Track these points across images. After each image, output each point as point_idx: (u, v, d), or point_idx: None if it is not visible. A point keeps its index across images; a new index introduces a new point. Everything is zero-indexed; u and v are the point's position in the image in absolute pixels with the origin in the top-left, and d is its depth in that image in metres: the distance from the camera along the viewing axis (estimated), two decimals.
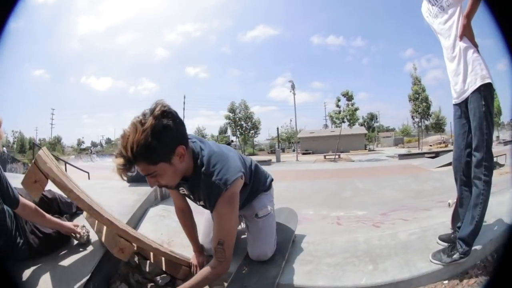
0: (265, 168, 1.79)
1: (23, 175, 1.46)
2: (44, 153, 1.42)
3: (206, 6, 77.50)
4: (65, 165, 8.96)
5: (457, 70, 1.68)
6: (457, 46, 1.66)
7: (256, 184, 1.62)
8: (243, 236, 1.85)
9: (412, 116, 27.08)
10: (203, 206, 1.45)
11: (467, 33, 1.59)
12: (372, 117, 50.72)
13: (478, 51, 1.62)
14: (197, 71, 76.07)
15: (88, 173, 7.44)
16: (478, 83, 1.55)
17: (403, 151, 23.59)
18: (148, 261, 1.79)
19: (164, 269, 1.72)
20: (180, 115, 1.16)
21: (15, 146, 37.64)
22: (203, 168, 1.22)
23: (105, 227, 1.61)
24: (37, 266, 1.52)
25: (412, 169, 10.30)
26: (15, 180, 1.49)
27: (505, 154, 9.93)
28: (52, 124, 46.12)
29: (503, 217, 1.74)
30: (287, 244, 1.68)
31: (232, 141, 17.53)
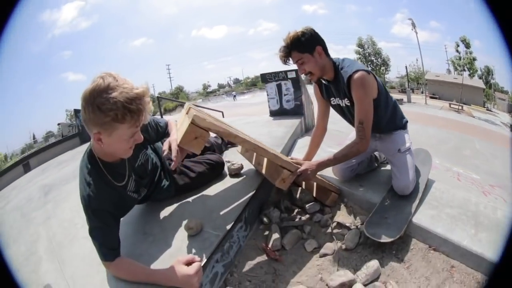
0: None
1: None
2: (195, 111, 1.40)
3: None
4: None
5: None
6: None
7: (394, 114, 1.74)
8: (382, 169, 2.04)
9: None
10: (346, 108, 1.69)
11: None
12: (489, 72, 41.41)
13: None
14: (315, 8, 72.49)
15: (222, 112, 7.34)
16: None
17: None
18: (299, 188, 1.90)
19: (314, 195, 1.82)
20: None
21: None
22: (339, 67, 1.59)
23: (265, 160, 1.69)
24: (198, 195, 1.72)
25: None
26: None
27: None
28: (170, 77, 48.28)
29: None
30: (422, 184, 1.69)
31: None
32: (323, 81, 1.71)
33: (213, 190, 1.79)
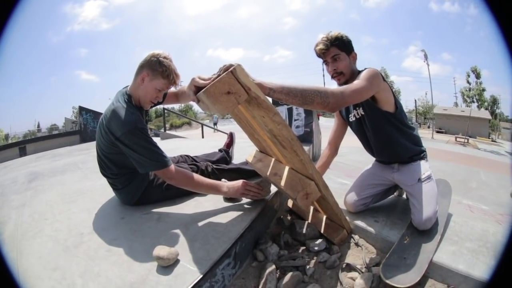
0: None
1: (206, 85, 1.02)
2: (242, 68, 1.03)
3: None
4: (202, 127, 9.29)
5: None
6: None
7: (415, 142, 1.68)
8: (401, 199, 1.98)
9: None
10: (363, 119, 1.63)
11: None
12: (495, 101, 42.01)
13: None
14: None
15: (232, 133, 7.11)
16: None
17: None
18: (305, 222, 1.69)
19: (322, 231, 1.60)
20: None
21: None
22: None
23: (286, 169, 1.41)
24: (180, 217, 1.55)
25: None
26: None
27: None
28: None
29: None
30: (443, 218, 1.56)
31: None
32: None
33: (200, 213, 1.59)
